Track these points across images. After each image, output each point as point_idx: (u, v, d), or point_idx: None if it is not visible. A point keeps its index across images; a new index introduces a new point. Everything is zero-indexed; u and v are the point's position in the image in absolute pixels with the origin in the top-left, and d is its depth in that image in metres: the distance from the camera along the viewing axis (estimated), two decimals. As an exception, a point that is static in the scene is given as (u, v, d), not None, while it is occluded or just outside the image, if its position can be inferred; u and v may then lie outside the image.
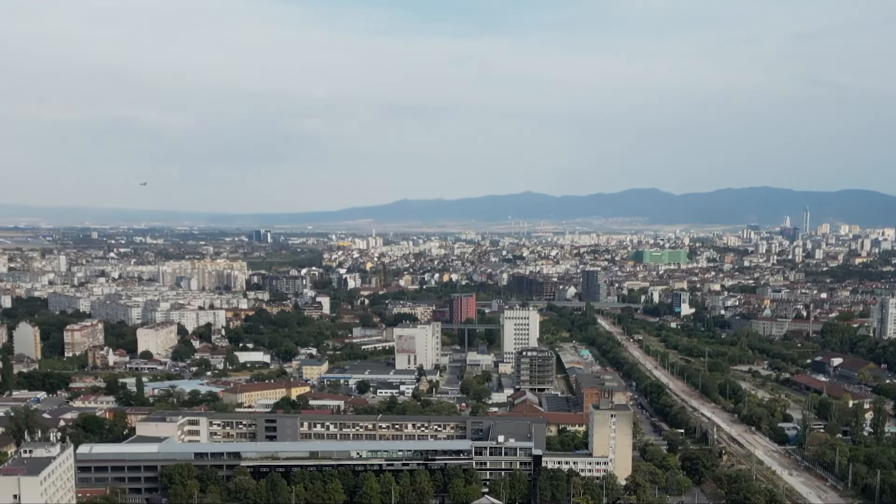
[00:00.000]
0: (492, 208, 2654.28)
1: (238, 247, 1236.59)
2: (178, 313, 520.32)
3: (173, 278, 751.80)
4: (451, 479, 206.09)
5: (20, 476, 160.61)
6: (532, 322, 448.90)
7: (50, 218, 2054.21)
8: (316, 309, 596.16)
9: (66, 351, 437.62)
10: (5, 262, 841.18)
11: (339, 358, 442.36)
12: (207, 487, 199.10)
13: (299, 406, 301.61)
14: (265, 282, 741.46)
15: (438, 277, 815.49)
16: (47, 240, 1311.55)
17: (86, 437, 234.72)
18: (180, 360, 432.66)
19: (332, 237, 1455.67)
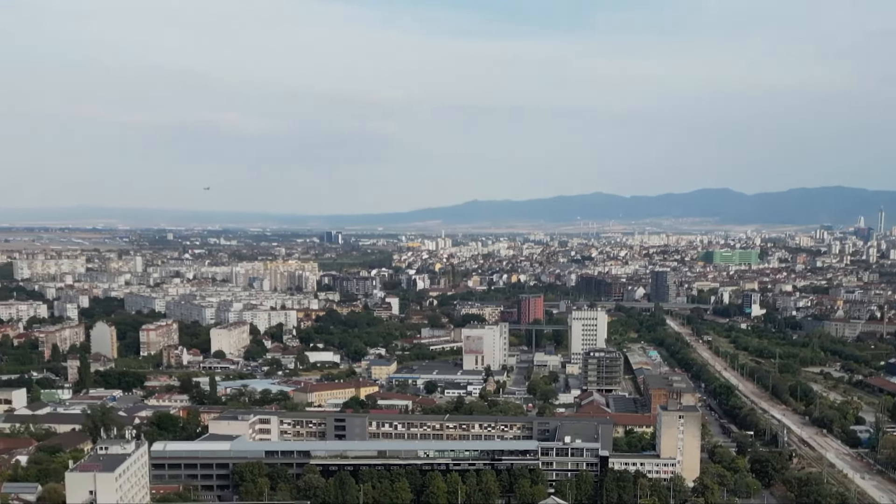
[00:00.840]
0: (561, 209, 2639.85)
1: (310, 248, 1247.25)
2: (250, 314, 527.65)
3: (246, 279, 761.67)
4: (517, 480, 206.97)
5: (96, 472, 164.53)
6: (600, 323, 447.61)
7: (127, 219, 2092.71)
8: (385, 309, 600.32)
9: (142, 350, 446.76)
10: (83, 262, 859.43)
11: (408, 358, 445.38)
12: (277, 485, 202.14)
13: (368, 406, 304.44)
14: (336, 283, 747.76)
15: (507, 278, 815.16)
16: (124, 241, 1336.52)
17: (160, 435, 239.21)
18: (252, 359, 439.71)
19: (402, 238, 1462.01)
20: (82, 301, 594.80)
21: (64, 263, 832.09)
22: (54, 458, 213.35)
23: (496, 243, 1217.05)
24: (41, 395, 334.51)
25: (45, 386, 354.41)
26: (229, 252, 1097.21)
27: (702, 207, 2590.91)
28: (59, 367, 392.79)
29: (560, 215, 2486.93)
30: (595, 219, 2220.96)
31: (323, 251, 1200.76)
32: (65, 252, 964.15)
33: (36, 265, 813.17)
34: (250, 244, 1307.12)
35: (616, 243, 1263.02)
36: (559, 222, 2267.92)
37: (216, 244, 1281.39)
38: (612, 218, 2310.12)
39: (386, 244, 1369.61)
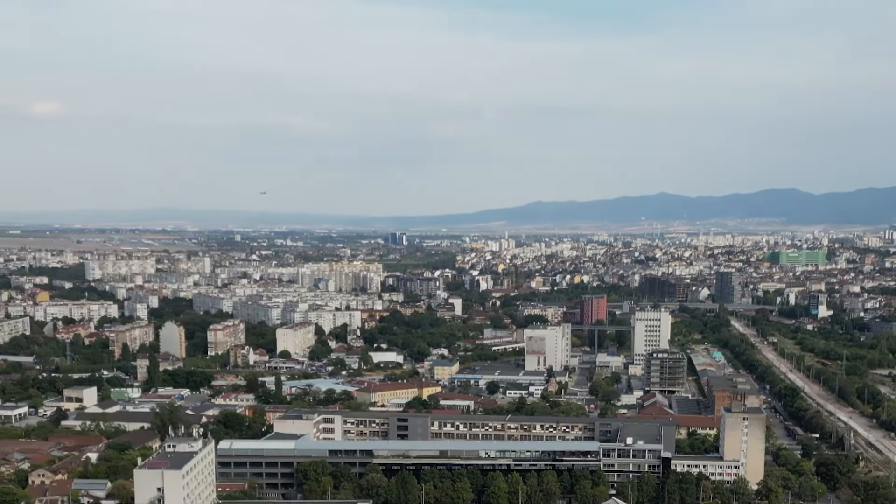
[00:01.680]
0: (625, 209, 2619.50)
1: (374, 249, 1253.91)
2: (315, 314, 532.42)
3: (312, 280, 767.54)
4: (578, 481, 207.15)
5: (164, 470, 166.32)
6: (663, 323, 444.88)
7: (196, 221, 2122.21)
8: (448, 310, 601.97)
9: (209, 350, 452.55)
10: (153, 263, 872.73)
11: (470, 359, 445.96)
12: (341, 484, 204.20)
13: (430, 406, 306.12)
14: (399, 283, 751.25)
15: (569, 279, 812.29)
16: (193, 242, 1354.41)
17: (226, 434, 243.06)
18: (317, 359, 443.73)
19: (465, 239, 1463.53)
20: (152, 301, 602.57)
21: (134, 264, 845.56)
22: (123, 456, 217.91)
23: (559, 244, 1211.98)
24: (111, 394, 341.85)
25: (115, 384, 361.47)
26: (295, 253, 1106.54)
27: (768, 208, 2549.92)
28: (128, 366, 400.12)
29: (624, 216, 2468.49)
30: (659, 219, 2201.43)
31: (387, 252, 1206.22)
32: (135, 253, 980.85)
33: (107, 266, 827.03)
34: (316, 245, 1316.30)
35: (680, 244, 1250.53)
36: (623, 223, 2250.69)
37: (283, 245, 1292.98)
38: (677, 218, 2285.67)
39: (450, 245, 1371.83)
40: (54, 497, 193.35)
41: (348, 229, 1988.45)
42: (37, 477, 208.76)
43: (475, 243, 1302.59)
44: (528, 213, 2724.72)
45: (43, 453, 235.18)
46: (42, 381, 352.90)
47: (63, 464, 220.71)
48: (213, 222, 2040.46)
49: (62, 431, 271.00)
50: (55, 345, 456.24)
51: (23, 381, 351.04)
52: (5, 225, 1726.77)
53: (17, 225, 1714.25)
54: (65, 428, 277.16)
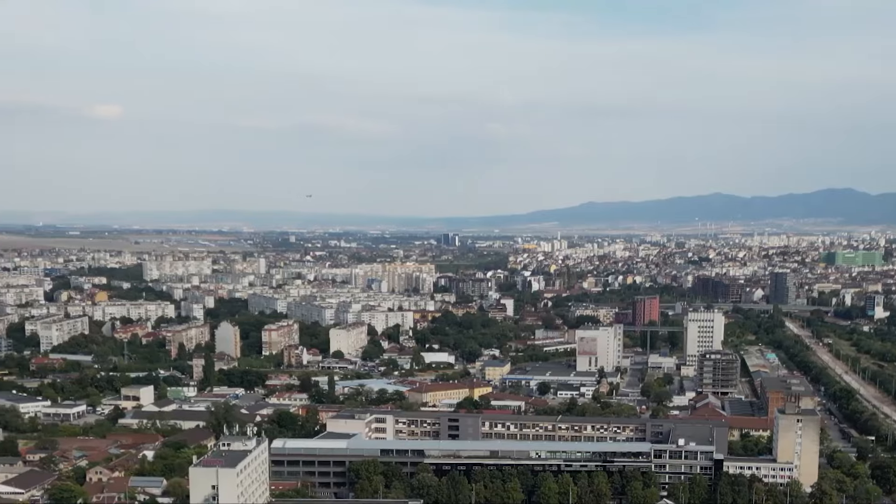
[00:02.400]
0: (678, 210, 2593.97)
1: (427, 250, 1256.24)
2: (368, 314, 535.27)
3: (365, 280, 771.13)
4: (629, 482, 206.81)
5: (219, 468, 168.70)
6: (716, 324, 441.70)
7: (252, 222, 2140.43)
8: (500, 311, 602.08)
9: (264, 350, 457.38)
10: (209, 264, 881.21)
11: (521, 359, 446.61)
12: (392, 483, 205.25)
13: (481, 406, 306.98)
14: (452, 284, 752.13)
15: (622, 280, 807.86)
16: (248, 243, 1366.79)
17: (280, 433, 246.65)
18: (369, 359, 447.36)
19: (517, 240, 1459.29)
20: (208, 301, 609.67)
21: (191, 265, 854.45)
22: (179, 454, 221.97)
23: (612, 245, 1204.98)
24: (167, 393, 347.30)
25: (172, 383, 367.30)
26: (349, 254, 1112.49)
27: (824, 208, 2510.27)
28: (184, 365, 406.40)
29: (677, 216, 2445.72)
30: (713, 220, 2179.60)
31: (440, 253, 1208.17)
32: (192, 254, 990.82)
33: (164, 266, 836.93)
34: (369, 246, 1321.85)
35: (734, 244, 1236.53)
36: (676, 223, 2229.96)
37: (336, 246, 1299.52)
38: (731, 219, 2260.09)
39: (502, 246, 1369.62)
40: (111, 494, 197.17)
41: (401, 230, 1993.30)
42: (94, 474, 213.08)
43: (527, 244, 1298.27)
44: (580, 214, 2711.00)
45: (101, 451, 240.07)
46: (100, 380, 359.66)
47: (120, 461, 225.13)
48: (269, 223, 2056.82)
49: (119, 429, 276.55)
50: (113, 344, 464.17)
51: (81, 380, 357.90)
52: (66, 226, 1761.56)
53: (78, 226, 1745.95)
54: (122, 426, 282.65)
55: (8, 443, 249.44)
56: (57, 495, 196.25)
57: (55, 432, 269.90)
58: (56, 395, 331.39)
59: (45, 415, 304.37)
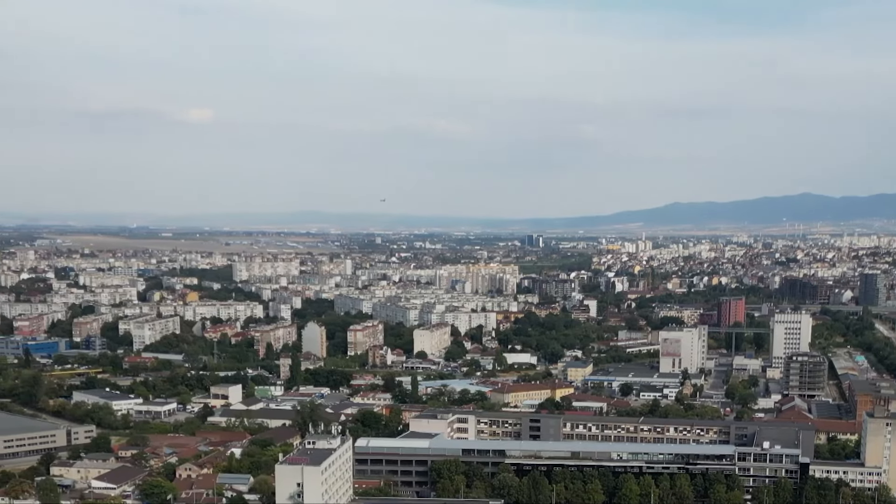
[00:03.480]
0: (765, 210, 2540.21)
1: (511, 251, 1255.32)
2: (451, 315, 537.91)
3: (449, 281, 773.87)
4: (712, 485, 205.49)
5: (304, 466, 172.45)
6: (804, 326, 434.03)
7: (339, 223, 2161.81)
8: (583, 312, 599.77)
9: (349, 350, 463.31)
10: (297, 265, 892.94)
11: (604, 360, 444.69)
12: (473, 483, 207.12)
13: (563, 407, 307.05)
14: (535, 285, 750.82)
15: (707, 281, 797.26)
16: (335, 245, 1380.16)
17: (363, 432, 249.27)
18: (452, 360, 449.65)
19: (601, 241, 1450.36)
20: (295, 302, 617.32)
21: (279, 266, 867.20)
22: (265, 452, 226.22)
23: (697, 245, 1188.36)
24: (255, 392, 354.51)
25: (259, 382, 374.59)
26: (434, 255, 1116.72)
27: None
28: (272, 364, 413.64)
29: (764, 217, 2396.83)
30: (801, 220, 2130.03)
31: (523, 254, 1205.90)
32: (280, 255, 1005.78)
33: (253, 267, 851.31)
34: (454, 248, 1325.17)
35: (823, 245, 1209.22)
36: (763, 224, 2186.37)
37: (421, 248, 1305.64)
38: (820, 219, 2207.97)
39: (586, 247, 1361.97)
40: (200, 490, 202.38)
41: (486, 231, 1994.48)
42: (184, 471, 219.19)
43: (611, 245, 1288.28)
44: (665, 215, 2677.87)
45: (190, 448, 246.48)
46: (190, 379, 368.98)
47: (208, 458, 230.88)
48: (355, 225, 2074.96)
49: (208, 427, 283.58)
50: (203, 343, 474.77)
51: (172, 379, 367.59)
52: (159, 227, 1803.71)
53: (170, 228, 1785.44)
54: (211, 424, 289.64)
55: (101, 439, 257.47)
56: (148, 491, 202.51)
57: (146, 429, 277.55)
58: (148, 393, 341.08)
59: (137, 412, 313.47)
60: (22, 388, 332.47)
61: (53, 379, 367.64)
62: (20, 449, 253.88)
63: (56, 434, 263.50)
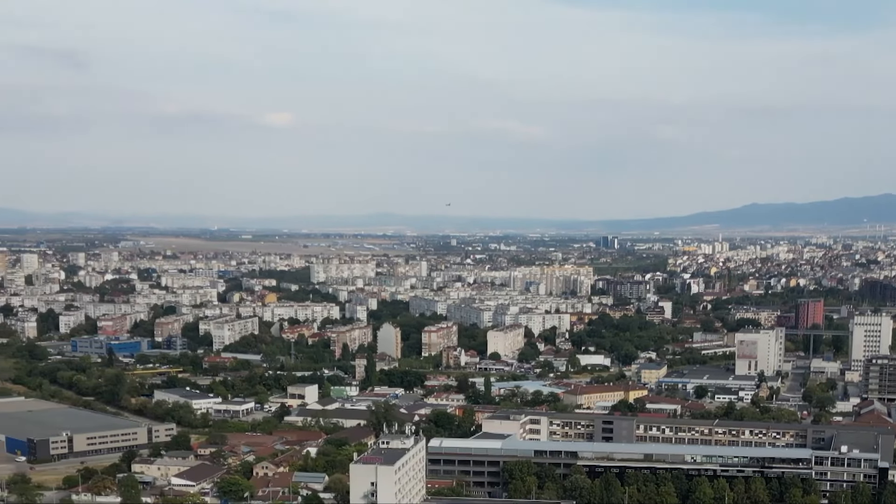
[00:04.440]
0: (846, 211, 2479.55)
1: (585, 253, 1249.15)
2: (525, 317, 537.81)
3: (523, 283, 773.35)
4: (787, 489, 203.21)
5: (378, 465, 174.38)
6: (884, 329, 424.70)
7: (415, 225, 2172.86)
8: (658, 313, 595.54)
9: (423, 351, 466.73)
10: (373, 267, 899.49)
11: (678, 362, 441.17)
12: (545, 484, 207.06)
13: (636, 409, 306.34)
14: (609, 286, 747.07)
15: (785, 282, 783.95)
16: (411, 246, 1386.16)
17: (437, 432, 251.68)
18: (525, 361, 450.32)
19: (677, 242, 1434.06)
20: (371, 303, 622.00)
21: (356, 268, 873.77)
22: (340, 451, 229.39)
23: (775, 247, 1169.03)
24: (331, 392, 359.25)
25: (335, 383, 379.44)
26: (508, 257, 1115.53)
27: None
28: (347, 365, 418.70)
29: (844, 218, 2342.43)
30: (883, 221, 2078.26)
31: (598, 256, 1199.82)
32: (357, 257, 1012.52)
33: (331, 269, 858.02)
34: (528, 249, 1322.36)
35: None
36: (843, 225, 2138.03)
37: (496, 249, 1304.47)
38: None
39: (661, 248, 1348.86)
40: (276, 488, 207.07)
41: (560, 233, 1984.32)
42: (261, 469, 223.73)
43: (687, 246, 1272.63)
44: (743, 216, 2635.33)
45: (267, 447, 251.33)
46: (268, 379, 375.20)
47: (285, 457, 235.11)
48: (431, 227, 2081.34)
49: (285, 426, 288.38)
50: (281, 344, 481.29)
51: (250, 378, 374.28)
52: (239, 230, 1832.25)
53: (250, 230, 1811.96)
54: (287, 423, 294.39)
55: (181, 437, 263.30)
56: (225, 488, 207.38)
57: (225, 428, 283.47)
58: (226, 392, 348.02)
59: (216, 411, 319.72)
60: (105, 386, 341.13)
61: (136, 378, 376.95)
62: (103, 446, 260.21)
63: (138, 432, 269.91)
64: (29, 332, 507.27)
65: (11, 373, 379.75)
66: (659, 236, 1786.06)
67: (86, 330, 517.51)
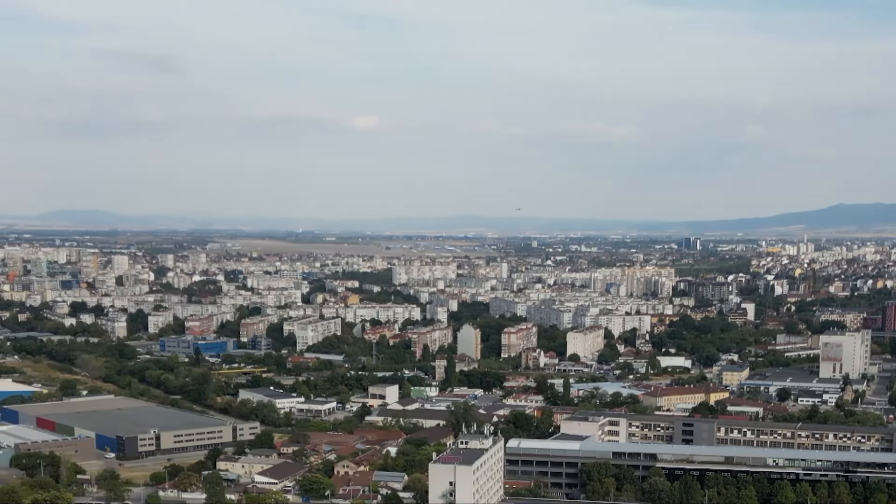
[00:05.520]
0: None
1: (667, 254, 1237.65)
2: (605, 318, 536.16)
3: (603, 285, 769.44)
4: (873, 493, 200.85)
5: (456, 465, 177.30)
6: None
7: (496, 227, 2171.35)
8: (740, 315, 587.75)
9: (503, 352, 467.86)
10: (454, 268, 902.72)
11: (761, 365, 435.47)
12: (623, 486, 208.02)
13: (717, 411, 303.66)
14: (691, 288, 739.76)
15: (871, 284, 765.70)
16: (492, 248, 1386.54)
17: (515, 433, 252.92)
18: (605, 362, 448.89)
19: (761, 243, 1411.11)
20: (451, 305, 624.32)
21: (437, 269, 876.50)
22: (420, 451, 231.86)
23: (862, 248, 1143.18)
24: (411, 392, 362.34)
25: (415, 383, 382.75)
26: (589, 258, 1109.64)
27: None
28: (428, 366, 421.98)
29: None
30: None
31: (680, 257, 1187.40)
32: (438, 259, 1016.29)
33: (412, 271, 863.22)
34: (609, 251, 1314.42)
35: None
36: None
37: (577, 251, 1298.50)
38: None
39: (745, 249, 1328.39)
40: (356, 487, 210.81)
41: (642, 234, 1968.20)
42: (342, 467, 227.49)
43: (771, 247, 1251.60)
44: (829, 216, 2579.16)
45: (348, 446, 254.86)
46: (349, 379, 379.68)
47: (365, 456, 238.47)
48: (512, 229, 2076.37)
49: (366, 426, 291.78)
50: (363, 344, 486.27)
51: (333, 378, 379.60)
52: (323, 232, 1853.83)
53: (334, 232, 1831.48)
54: (368, 423, 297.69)
55: (265, 436, 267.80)
56: (307, 486, 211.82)
57: (307, 427, 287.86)
58: (309, 392, 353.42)
59: (298, 410, 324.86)
60: (192, 385, 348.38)
61: (221, 377, 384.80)
62: (189, 444, 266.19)
63: (223, 430, 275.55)
64: (119, 332, 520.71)
65: (102, 371, 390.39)
66: (742, 237, 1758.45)
67: (174, 330, 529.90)
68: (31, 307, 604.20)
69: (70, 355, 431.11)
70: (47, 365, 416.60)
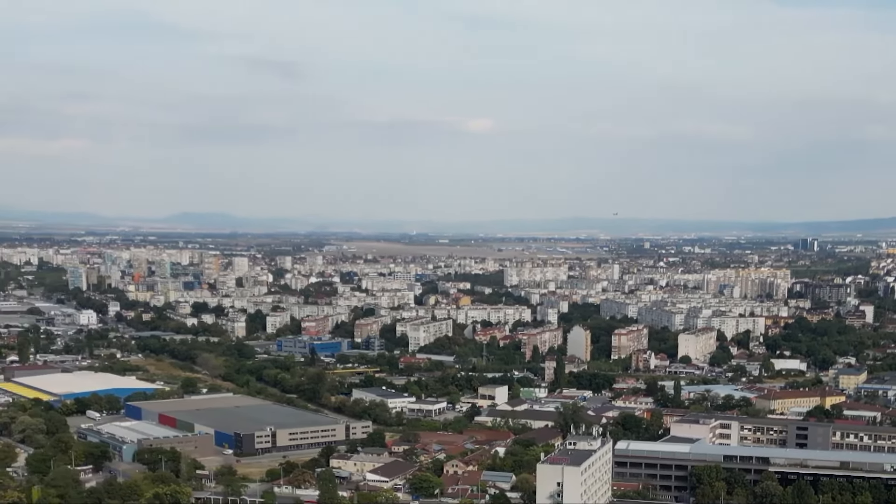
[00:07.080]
0: None
1: (783, 255, 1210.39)
2: (718, 320, 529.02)
3: (717, 286, 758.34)
4: None
5: (564, 465, 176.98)
6: None
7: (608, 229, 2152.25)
8: (858, 317, 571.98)
9: (613, 354, 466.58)
10: (566, 270, 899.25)
11: (880, 368, 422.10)
12: (734, 490, 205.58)
13: (832, 415, 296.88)
14: (807, 290, 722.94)
15: None
16: (604, 250, 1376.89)
17: (624, 435, 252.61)
18: (717, 365, 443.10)
19: (881, 245, 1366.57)
20: (562, 306, 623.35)
21: (548, 271, 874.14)
22: (527, 451, 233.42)
23: None
24: (520, 393, 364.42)
25: (524, 384, 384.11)
26: (702, 260, 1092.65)
27: None
28: (537, 367, 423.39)
29: None
30: None
31: (796, 258, 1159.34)
32: (549, 261, 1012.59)
33: (524, 272, 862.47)
34: (723, 252, 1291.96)
35: None
36: None
37: (690, 252, 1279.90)
38: None
39: (864, 251, 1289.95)
40: (465, 486, 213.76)
41: (757, 235, 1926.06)
42: (451, 467, 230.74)
43: (892, 248, 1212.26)
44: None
45: (457, 445, 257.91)
46: (460, 379, 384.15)
47: (474, 456, 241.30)
48: (624, 230, 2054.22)
49: (475, 426, 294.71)
50: (473, 345, 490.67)
51: (443, 379, 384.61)
52: (436, 234, 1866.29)
53: (447, 234, 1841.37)
54: (477, 423, 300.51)
55: (376, 435, 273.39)
56: (417, 485, 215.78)
57: (418, 426, 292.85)
58: (420, 392, 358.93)
59: (409, 410, 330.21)
60: (307, 384, 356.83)
61: (335, 377, 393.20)
62: (303, 441, 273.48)
63: (336, 428, 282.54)
64: (238, 332, 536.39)
65: (221, 370, 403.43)
66: (861, 238, 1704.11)
67: (290, 330, 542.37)
68: (155, 307, 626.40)
69: (191, 354, 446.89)
70: (169, 363, 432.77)
